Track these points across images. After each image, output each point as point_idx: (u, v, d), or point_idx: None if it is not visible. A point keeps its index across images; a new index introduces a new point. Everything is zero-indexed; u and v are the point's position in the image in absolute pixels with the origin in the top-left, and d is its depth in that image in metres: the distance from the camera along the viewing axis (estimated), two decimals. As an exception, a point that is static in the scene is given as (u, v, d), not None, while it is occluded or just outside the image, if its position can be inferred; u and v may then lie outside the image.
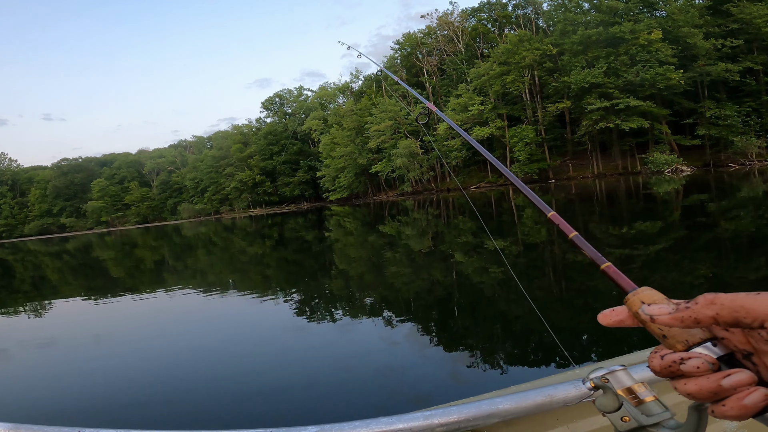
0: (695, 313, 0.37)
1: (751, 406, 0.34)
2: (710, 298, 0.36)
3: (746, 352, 0.37)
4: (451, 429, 0.88)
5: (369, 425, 0.89)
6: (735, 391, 0.35)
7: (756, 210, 11.37)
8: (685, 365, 0.37)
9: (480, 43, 50.61)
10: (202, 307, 7.90)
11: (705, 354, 0.37)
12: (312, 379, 3.89)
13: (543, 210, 0.67)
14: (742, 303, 0.35)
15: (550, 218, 0.64)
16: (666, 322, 0.38)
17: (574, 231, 0.59)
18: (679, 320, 0.37)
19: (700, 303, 0.37)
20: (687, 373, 0.37)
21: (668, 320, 0.38)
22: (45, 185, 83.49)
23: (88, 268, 19.30)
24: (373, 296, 7.26)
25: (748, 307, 0.35)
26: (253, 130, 72.15)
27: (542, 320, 2.32)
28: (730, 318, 0.35)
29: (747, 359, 0.37)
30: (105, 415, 3.64)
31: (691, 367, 0.37)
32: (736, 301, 0.35)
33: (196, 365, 4.65)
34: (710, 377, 0.36)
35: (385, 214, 26.74)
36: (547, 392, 0.92)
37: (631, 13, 36.92)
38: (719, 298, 0.36)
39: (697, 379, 0.37)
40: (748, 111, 33.46)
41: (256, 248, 18.33)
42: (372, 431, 0.89)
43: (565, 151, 42.62)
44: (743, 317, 0.35)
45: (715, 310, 0.36)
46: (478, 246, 10.51)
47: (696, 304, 0.37)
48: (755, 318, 0.35)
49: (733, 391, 0.35)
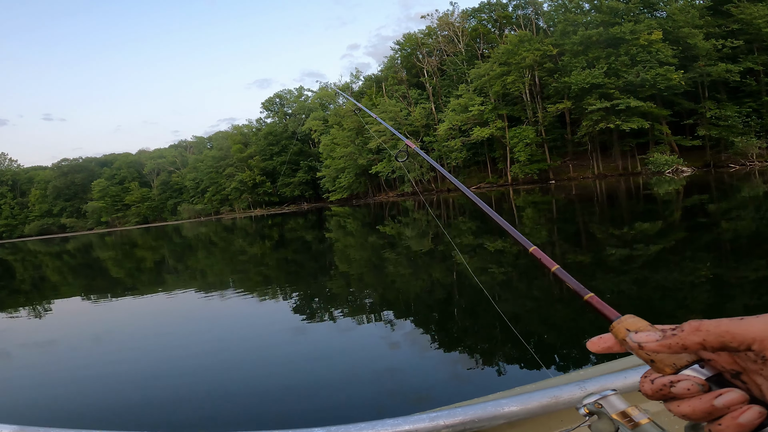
0: (682, 340, 0.38)
1: (746, 424, 0.35)
2: (695, 325, 0.37)
3: (734, 371, 0.38)
4: (456, 430, 0.88)
5: (375, 426, 0.89)
6: (729, 410, 0.36)
7: (756, 211, 11.37)
8: (676, 388, 0.38)
9: (480, 43, 50.61)
10: (203, 307, 7.90)
11: (694, 376, 0.38)
12: (315, 380, 3.88)
13: (525, 245, 0.67)
14: (726, 328, 0.36)
15: (532, 252, 0.63)
16: (653, 348, 0.39)
17: (556, 264, 0.59)
18: (666, 347, 0.38)
19: (686, 330, 0.38)
20: (678, 395, 0.38)
21: (656, 347, 0.39)
22: (45, 185, 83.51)
23: (89, 268, 19.30)
24: (374, 297, 7.26)
25: (733, 332, 0.36)
26: (254, 130, 72.16)
27: (543, 321, 2.33)
28: (716, 343, 0.36)
29: (736, 378, 0.38)
30: (107, 417, 3.64)
31: (681, 389, 0.37)
32: (721, 326, 0.36)
33: (198, 366, 4.65)
34: (702, 398, 0.37)
35: (385, 215, 26.75)
36: (551, 393, 0.92)
37: (631, 13, 36.92)
38: (704, 325, 0.37)
39: (689, 400, 0.37)
40: (749, 111, 33.46)
41: (257, 249, 18.33)
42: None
43: (565, 152, 42.61)
44: (729, 342, 0.36)
45: (701, 337, 0.37)
46: (478, 247, 10.51)
47: (682, 331, 0.38)
48: (741, 342, 0.36)
49: (726, 410, 0.36)
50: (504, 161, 43.95)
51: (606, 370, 1.03)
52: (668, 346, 0.38)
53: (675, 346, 0.38)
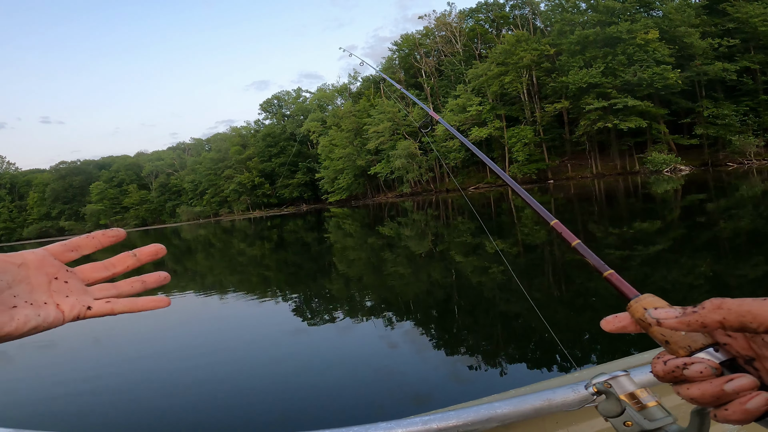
0: (702, 318, 0.37)
1: (753, 410, 0.35)
2: (717, 303, 0.37)
3: (748, 357, 0.38)
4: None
5: (368, 430, 0.88)
6: (737, 395, 0.35)
7: (755, 209, 11.39)
8: (689, 370, 0.37)
9: (478, 43, 50.68)
10: (201, 309, 7.89)
11: (708, 359, 0.38)
12: (310, 382, 3.88)
13: (546, 218, 0.68)
14: (749, 308, 0.36)
15: (553, 226, 0.65)
16: (673, 325, 0.39)
17: (577, 239, 0.59)
18: (686, 324, 0.38)
19: (707, 308, 0.37)
20: (690, 378, 0.38)
21: (675, 324, 0.38)
22: (43, 188, 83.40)
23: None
24: (372, 298, 7.26)
25: (755, 312, 0.35)
26: (252, 132, 72.14)
27: (544, 321, 2.31)
28: (736, 323, 0.36)
29: (749, 364, 0.38)
30: (106, 419, 3.63)
31: (694, 372, 0.37)
32: (743, 306, 0.36)
33: (194, 368, 4.64)
34: (713, 382, 0.37)
35: (384, 216, 26.74)
36: (545, 396, 0.92)
37: (627, 12, 37.02)
38: (726, 303, 0.36)
39: (700, 383, 0.37)
40: (746, 110, 33.55)
41: (256, 250, 18.31)
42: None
43: (563, 152, 42.68)
44: (750, 322, 0.35)
45: (722, 315, 0.36)
46: (477, 247, 10.51)
47: (703, 308, 0.37)
48: (761, 323, 0.35)
49: (735, 395, 0.35)
50: (502, 161, 44.00)
51: (601, 372, 1.02)
52: (687, 323, 0.38)
53: (694, 324, 0.37)
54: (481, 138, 42.43)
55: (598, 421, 0.99)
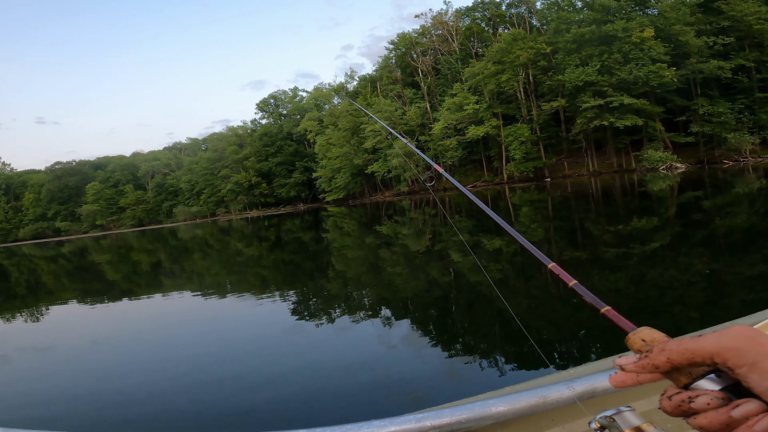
0: (652, 361, 0.40)
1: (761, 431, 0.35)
2: (661, 347, 0.40)
3: None
4: (443, 431, 0.87)
5: (361, 428, 0.88)
6: (746, 420, 0.36)
7: (750, 206, 11.44)
8: (695, 403, 0.38)
9: (474, 42, 50.68)
10: (199, 310, 7.86)
11: (712, 390, 0.38)
12: (306, 380, 3.87)
13: (543, 261, 0.70)
14: (686, 346, 0.38)
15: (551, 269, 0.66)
16: (632, 370, 0.41)
17: (574, 279, 0.60)
18: (641, 367, 0.40)
19: (654, 351, 0.40)
20: (698, 410, 0.38)
21: (633, 368, 0.41)
22: (39, 189, 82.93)
23: (85, 271, 19.18)
24: (369, 297, 7.25)
25: (691, 349, 0.38)
26: (248, 131, 71.91)
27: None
28: (683, 360, 0.38)
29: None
30: (104, 419, 3.61)
31: (701, 404, 0.37)
32: (681, 344, 0.39)
33: (191, 367, 4.62)
34: (720, 410, 0.37)
35: (381, 215, 26.73)
36: (540, 393, 0.91)
37: (623, 11, 37.07)
38: (668, 345, 0.39)
39: (707, 412, 0.37)
40: (741, 108, 33.66)
41: (253, 250, 18.27)
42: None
43: (560, 150, 42.75)
44: (692, 358, 0.38)
45: (666, 356, 0.39)
46: (475, 246, 10.51)
47: (651, 353, 0.40)
48: (702, 356, 0.37)
49: (744, 420, 0.36)
50: (499, 159, 44.04)
51: (595, 369, 1.02)
52: (642, 367, 0.40)
53: (648, 367, 0.40)
54: (478, 136, 42.45)
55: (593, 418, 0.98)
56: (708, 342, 0.37)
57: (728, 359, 0.36)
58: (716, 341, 0.37)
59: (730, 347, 0.36)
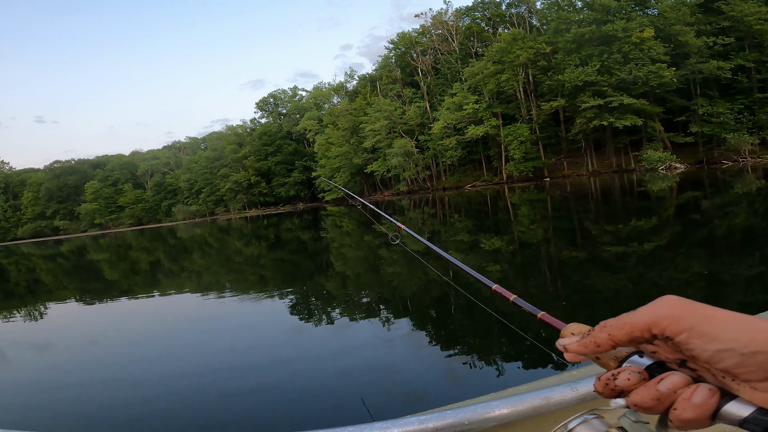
0: (594, 338, 0.41)
1: (701, 403, 0.35)
2: (602, 324, 0.41)
3: (679, 359, 0.39)
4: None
5: (363, 430, 0.87)
6: (675, 393, 0.36)
7: (749, 206, 11.45)
8: (618, 380, 0.39)
9: (474, 42, 50.68)
10: (198, 309, 7.86)
11: (631, 366, 0.40)
12: (307, 381, 3.86)
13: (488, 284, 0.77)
14: (624, 320, 0.40)
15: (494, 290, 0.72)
16: (575, 349, 0.43)
17: (513, 295, 0.65)
18: (583, 346, 0.42)
19: (595, 329, 0.42)
20: (624, 388, 0.39)
21: (576, 348, 0.42)
22: (38, 188, 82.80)
23: (83, 270, 19.16)
24: (368, 296, 7.25)
25: (630, 322, 0.39)
26: (248, 130, 71.85)
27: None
28: (622, 335, 0.39)
29: (683, 366, 0.39)
30: (103, 419, 3.60)
31: (622, 380, 0.39)
32: (621, 319, 0.40)
33: (189, 368, 4.61)
34: (647, 385, 0.38)
35: (380, 214, 26.69)
36: (543, 395, 0.91)
37: (623, 11, 37.08)
38: (608, 322, 0.41)
39: (638, 390, 0.38)
40: (741, 108, 33.70)
41: (252, 249, 18.26)
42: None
43: (559, 149, 42.77)
44: (631, 332, 0.39)
45: (606, 332, 0.40)
46: (473, 245, 10.51)
47: (593, 331, 0.42)
48: (641, 329, 0.39)
49: (674, 394, 0.36)
50: (499, 159, 44.05)
51: (599, 370, 1.02)
52: (585, 345, 0.41)
53: (590, 344, 0.41)
54: (478, 136, 42.46)
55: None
56: (644, 314, 0.39)
57: (665, 327, 0.37)
58: (652, 311, 0.39)
59: (665, 315, 0.38)
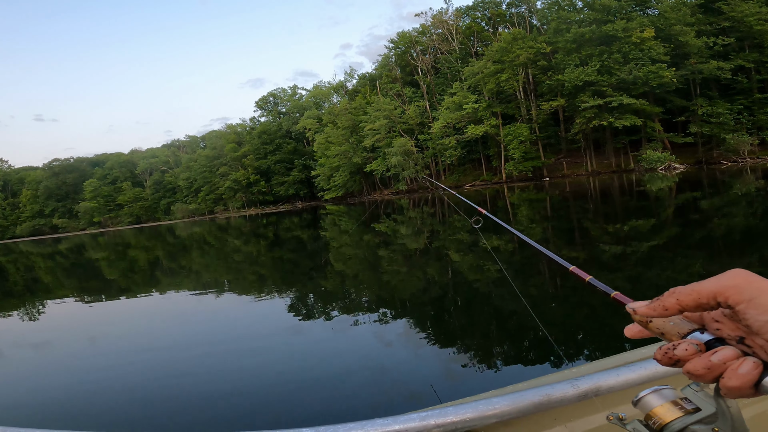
0: (662, 302, 0.45)
1: (746, 374, 0.39)
2: (671, 290, 0.45)
3: (738, 337, 0.43)
4: (447, 430, 0.87)
5: (365, 426, 0.87)
6: (725, 365, 0.41)
7: (748, 207, 11.47)
8: (677, 349, 0.43)
9: (474, 41, 50.68)
10: (196, 308, 7.85)
11: (691, 339, 0.44)
12: (306, 380, 3.87)
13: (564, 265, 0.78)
14: (693, 287, 0.44)
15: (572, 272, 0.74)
16: (644, 312, 0.47)
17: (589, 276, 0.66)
18: (652, 309, 0.46)
19: (665, 294, 0.45)
20: (681, 358, 0.43)
21: (645, 311, 0.46)
22: (36, 186, 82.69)
23: (82, 269, 19.14)
24: (368, 295, 7.25)
25: (698, 290, 0.43)
26: (247, 129, 71.80)
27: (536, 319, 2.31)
28: (690, 300, 0.44)
29: (741, 343, 0.43)
30: (101, 418, 3.60)
31: (681, 350, 0.43)
32: (690, 286, 0.44)
33: (189, 367, 4.61)
34: (702, 356, 0.42)
35: (380, 213, 26.72)
36: (543, 392, 0.91)
37: (623, 11, 37.10)
38: (677, 288, 0.45)
39: (692, 360, 0.42)
40: (740, 109, 33.74)
41: (251, 248, 18.25)
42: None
43: (559, 149, 42.81)
44: (698, 299, 0.43)
45: (675, 297, 0.44)
46: (473, 244, 10.52)
47: (662, 296, 0.46)
48: (708, 296, 0.43)
49: (723, 365, 0.41)
50: (498, 159, 44.07)
51: (599, 368, 1.02)
52: (653, 308, 0.46)
53: (658, 308, 0.45)
54: (477, 135, 42.47)
55: (597, 417, 0.98)
56: (712, 283, 0.43)
57: (729, 297, 0.42)
58: (719, 281, 0.43)
59: (730, 285, 0.42)
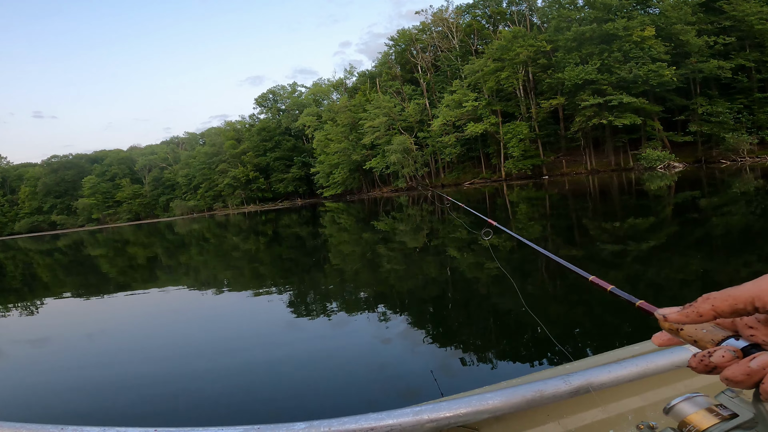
0: (696, 308, 0.43)
1: None
2: (705, 296, 0.44)
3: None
4: (441, 425, 0.87)
5: (358, 421, 0.88)
6: (766, 371, 0.39)
7: (747, 206, 11.48)
8: (714, 356, 0.41)
9: (474, 39, 50.57)
10: (195, 304, 7.86)
11: (727, 346, 0.42)
12: (302, 375, 3.88)
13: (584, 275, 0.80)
14: (729, 293, 0.42)
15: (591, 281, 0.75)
16: (676, 318, 0.45)
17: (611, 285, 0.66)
18: (685, 315, 0.44)
19: (699, 300, 0.44)
20: (719, 365, 0.41)
21: (677, 317, 0.45)
22: (35, 182, 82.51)
23: (80, 265, 19.13)
24: (365, 292, 7.26)
25: (734, 295, 0.42)
26: (247, 126, 71.69)
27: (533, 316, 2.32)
28: (726, 307, 0.42)
29: None
30: (95, 413, 3.61)
31: (717, 357, 0.41)
32: (725, 292, 0.43)
33: (186, 362, 4.62)
34: (740, 362, 0.40)
35: (379, 210, 26.72)
36: (536, 387, 0.92)
37: (624, 9, 37.02)
38: (712, 294, 0.44)
39: (730, 366, 0.41)
40: (740, 108, 33.71)
41: (250, 245, 18.25)
42: (361, 427, 0.88)
43: (558, 148, 42.78)
44: (735, 304, 0.42)
45: (710, 303, 0.43)
46: (471, 242, 10.53)
47: (696, 302, 0.44)
48: (744, 302, 0.41)
49: (764, 371, 0.39)
50: (498, 157, 44.05)
51: (591, 364, 1.03)
52: (686, 315, 0.44)
53: (692, 314, 0.44)
54: (477, 133, 42.44)
55: (589, 413, 0.99)
56: (748, 288, 0.42)
57: (767, 302, 0.40)
58: (757, 286, 0.41)
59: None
